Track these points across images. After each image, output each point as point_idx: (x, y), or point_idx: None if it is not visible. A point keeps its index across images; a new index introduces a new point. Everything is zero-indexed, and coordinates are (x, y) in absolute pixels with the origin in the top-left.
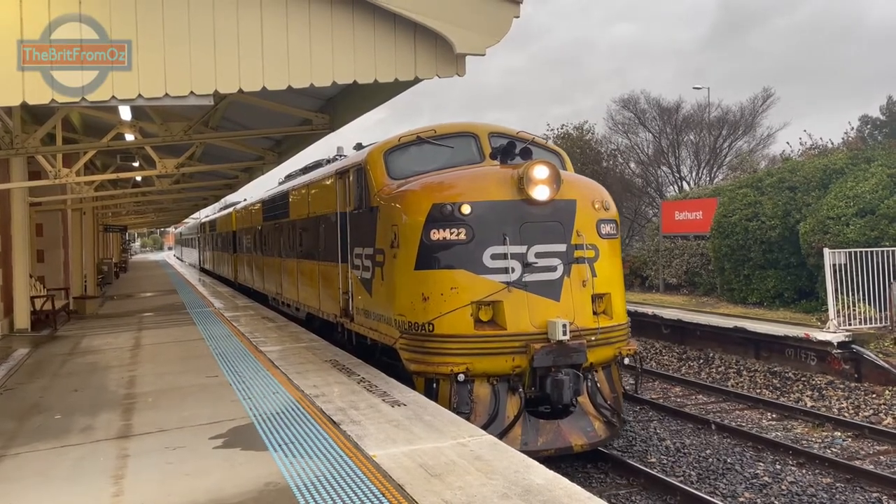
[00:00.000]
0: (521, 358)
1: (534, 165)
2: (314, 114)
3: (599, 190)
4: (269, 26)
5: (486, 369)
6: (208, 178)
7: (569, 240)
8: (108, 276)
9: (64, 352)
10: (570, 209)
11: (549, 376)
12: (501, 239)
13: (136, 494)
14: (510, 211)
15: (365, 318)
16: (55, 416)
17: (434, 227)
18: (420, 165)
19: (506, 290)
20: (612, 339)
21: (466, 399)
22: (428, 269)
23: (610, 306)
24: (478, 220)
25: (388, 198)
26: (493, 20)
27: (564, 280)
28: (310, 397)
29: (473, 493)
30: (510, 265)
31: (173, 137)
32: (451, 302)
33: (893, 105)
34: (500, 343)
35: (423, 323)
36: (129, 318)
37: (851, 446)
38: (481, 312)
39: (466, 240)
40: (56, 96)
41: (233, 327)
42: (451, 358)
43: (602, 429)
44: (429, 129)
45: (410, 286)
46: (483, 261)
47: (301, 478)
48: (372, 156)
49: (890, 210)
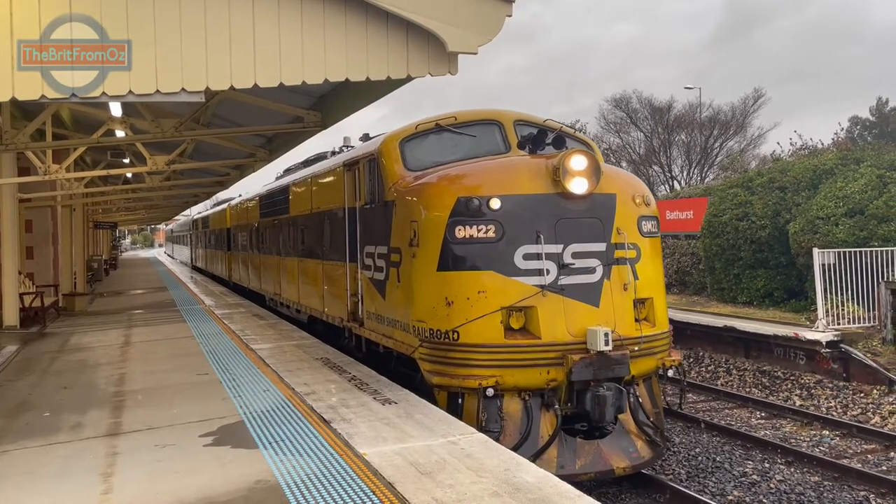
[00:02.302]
0: (556, 370)
1: (571, 155)
2: (306, 111)
3: (640, 183)
4: (261, 23)
5: (518, 383)
6: (199, 176)
7: (608, 238)
8: (98, 273)
9: (53, 349)
10: (610, 204)
11: (588, 391)
12: (534, 237)
13: (125, 492)
14: (544, 206)
15: (377, 324)
16: (44, 413)
17: (459, 223)
18: (439, 156)
19: (540, 295)
20: (655, 349)
21: (496, 416)
22: (452, 270)
23: (652, 312)
24: (508, 216)
25: (406, 191)
26: (485, 19)
27: (604, 283)
28: (301, 395)
29: (464, 491)
30: (544, 266)
31: (164, 134)
32: (478, 307)
33: (883, 106)
34: (533, 354)
35: (446, 330)
36: (119, 316)
37: (839, 445)
38: (512, 319)
39: (496, 238)
40: (56, 97)
41: (224, 325)
42: (479, 370)
43: (645, 449)
44: (448, 116)
45: (432, 289)
46: (514, 261)
47: (291, 476)
48: (386, 145)
49: (879, 210)
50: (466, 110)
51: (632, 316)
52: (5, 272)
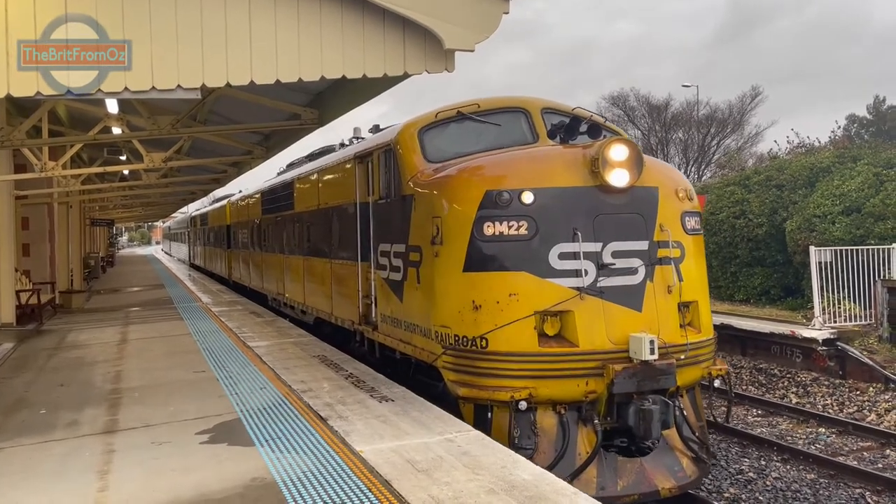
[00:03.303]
0: (596, 381)
1: (611, 144)
2: (303, 108)
3: (681, 176)
4: (258, 20)
5: (553, 395)
6: (196, 173)
7: (651, 236)
8: (95, 271)
9: (50, 346)
10: (652, 198)
11: (631, 404)
12: (571, 234)
13: (121, 490)
14: (581, 200)
15: (393, 328)
16: (40, 410)
17: (488, 219)
18: (461, 146)
19: (577, 298)
20: (701, 358)
21: (529, 432)
22: (480, 270)
23: (697, 317)
24: (542, 211)
25: (427, 184)
26: (482, 16)
27: (647, 285)
28: (297, 392)
29: (460, 488)
30: (582, 267)
31: (161, 131)
32: (509, 312)
33: (880, 104)
34: (570, 363)
35: (473, 337)
36: (116, 313)
37: (835, 442)
38: (546, 325)
39: (528, 235)
40: (52, 93)
41: (220, 322)
42: (510, 381)
43: (691, 467)
44: (470, 104)
45: (457, 292)
46: (549, 261)
47: (287, 473)
48: (404, 134)
49: (875, 208)
50: (490, 97)
51: (676, 321)
52: (2, 269)
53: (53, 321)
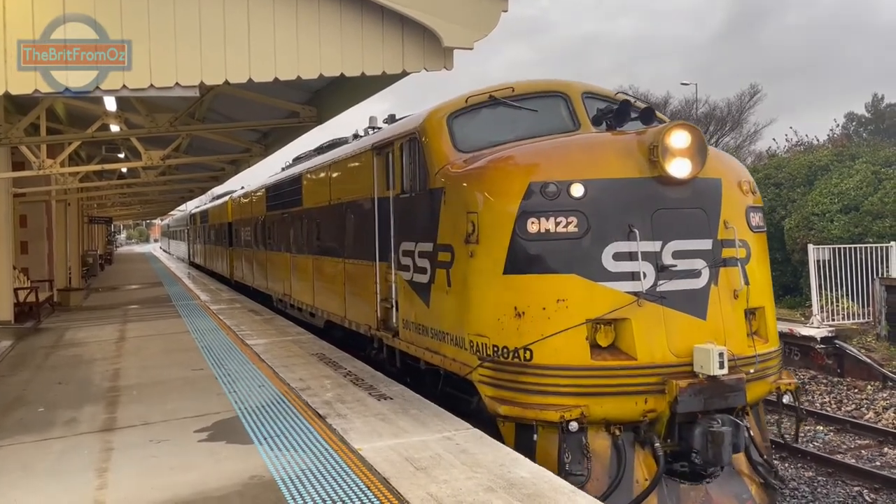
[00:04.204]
0: (656, 399)
1: (673, 129)
2: (301, 106)
3: (742, 167)
4: (256, 17)
5: (608, 415)
6: (194, 171)
7: (715, 233)
8: (93, 268)
9: (48, 344)
10: (715, 191)
11: (697, 425)
12: (626, 232)
13: (119, 488)
14: (638, 193)
15: (417, 335)
16: (38, 408)
17: (532, 214)
18: (495, 134)
19: (634, 304)
20: (769, 371)
21: (580, 456)
22: (523, 273)
23: (764, 324)
24: (594, 206)
25: (460, 176)
26: (480, 14)
27: (711, 289)
28: (296, 391)
29: (459, 486)
30: (640, 268)
31: (159, 129)
32: (557, 319)
33: (879, 102)
34: (627, 378)
35: (515, 348)
36: (114, 311)
37: (833, 440)
38: (599, 335)
39: (579, 233)
40: (50, 91)
41: (219, 320)
42: (559, 398)
43: (761, 494)
44: (504, 87)
45: (496, 297)
46: (602, 262)
47: (286, 471)
48: (431, 121)
49: (874, 207)
50: (525, 81)
51: (744, 330)
52: (0, 267)
53: (51, 319)
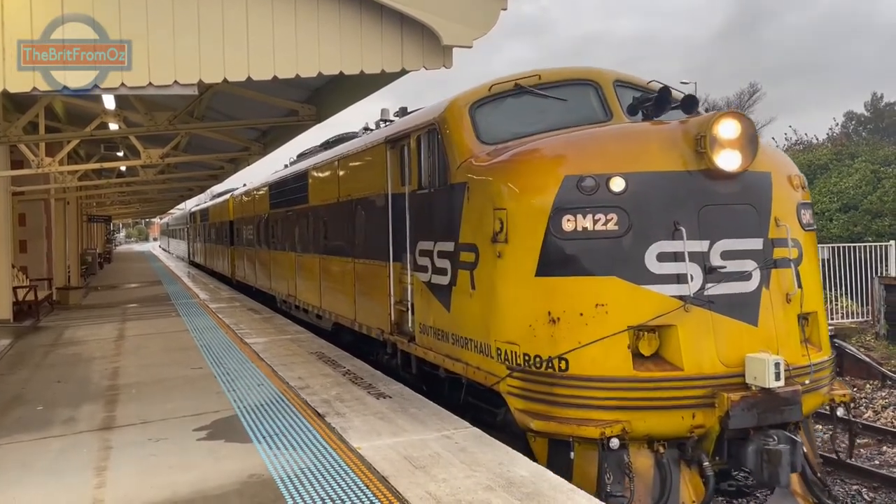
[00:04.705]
0: (704, 414)
1: (722, 118)
2: (300, 105)
3: (791, 161)
4: (255, 15)
5: (651, 430)
6: (193, 169)
7: (766, 232)
8: (92, 267)
9: (46, 343)
10: (765, 186)
11: (749, 442)
12: (671, 230)
13: (118, 486)
14: (683, 188)
15: (436, 341)
16: (37, 407)
17: (568, 211)
18: (520, 125)
19: (681, 309)
20: (823, 382)
21: (621, 475)
22: (558, 275)
23: (816, 331)
24: (636, 201)
25: (486, 170)
26: (479, 12)
27: (763, 293)
28: (295, 389)
29: (458, 485)
30: (687, 270)
31: (158, 127)
32: (595, 326)
33: (878, 101)
34: (673, 391)
35: (549, 357)
36: (113, 310)
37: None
38: (642, 343)
39: (619, 231)
40: (48, 89)
41: (218, 319)
42: (598, 412)
43: None
44: (530, 75)
45: (528, 301)
46: (645, 263)
47: (285, 470)
48: (452, 112)
49: (873, 206)
50: (552, 68)
51: (797, 337)
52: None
53: (50, 318)
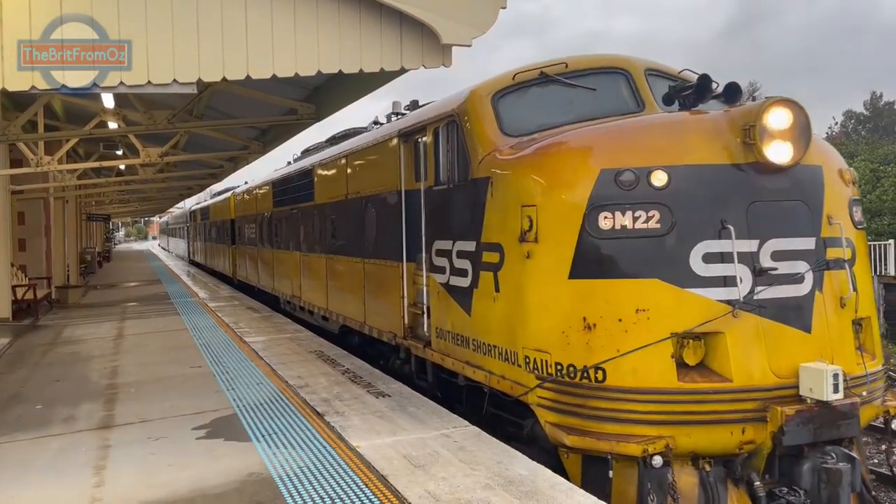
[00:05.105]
0: (755, 428)
1: (772, 107)
2: (300, 103)
3: (839, 153)
4: (254, 14)
5: (697, 447)
6: (193, 168)
7: (818, 231)
8: (91, 266)
9: (46, 341)
10: (817, 181)
11: (805, 460)
12: (718, 229)
13: (117, 485)
14: (730, 182)
15: (455, 347)
16: (36, 406)
17: (606, 207)
18: (547, 116)
19: (729, 315)
20: (877, 393)
21: (664, 496)
22: (594, 277)
23: (870, 338)
24: (680, 197)
25: (512, 163)
26: (479, 11)
27: (816, 296)
28: (294, 388)
29: (457, 483)
30: (736, 272)
31: (157, 126)
32: (636, 333)
33: (877, 100)
34: (721, 403)
35: (585, 367)
36: (113, 308)
37: None
38: (687, 351)
39: (662, 230)
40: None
41: (217, 318)
42: (640, 427)
43: None
44: (556, 63)
45: (561, 305)
46: (690, 264)
47: (284, 468)
48: (474, 102)
49: (872, 205)
50: (580, 56)
51: (852, 344)
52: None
53: (49, 316)
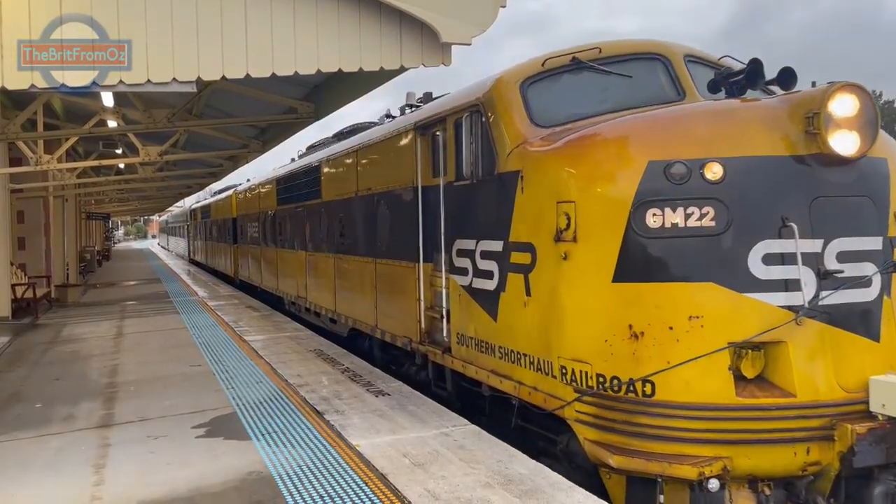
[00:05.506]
0: (821, 448)
1: (837, 93)
2: (299, 102)
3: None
4: (253, 13)
5: (756, 468)
6: (192, 167)
7: (885, 229)
8: (91, 265)
9: (45, 340)
10: (883, 175)
11: (876, 484)
12: (778, 227)
13: (117, 484)
14: (790, 176)
15: (478, 354)
16: (36, 404)
17: (654, 203)
18: (580, 105)
19: (793, 322)
20: None
21: None
22: (642, 280)
23: None
24: (737, 192)
25: (546, 155)
26: (478, 9)
27: (884, 302)
28: (294, 387)
29: (456, 482)
30: (800, 275)
31: (156, 125)
32: (689, 342)
33: (877, 99)
34: (783, 421)
35: (631, 379)
36: (112, 307)
37: None
38: (745, 363)
39: (717, 228)
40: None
41: (217, 316)
42: (694, 447)
43: None
44: (589, 48)
45: (603, 311)
46: (749, 266)
47: (284, 467)
48: (501, 90)
49: None
50: (614, 41)
51: None
52: None
53: (49, 315)
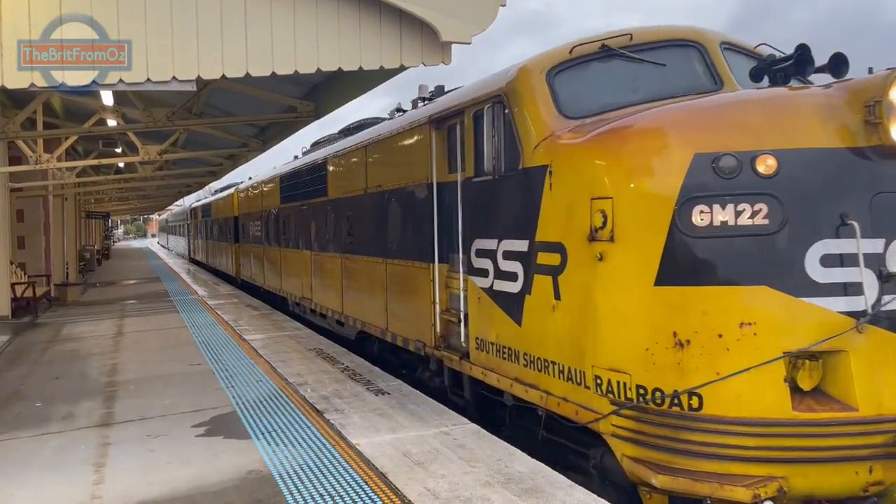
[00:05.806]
0: (884, 467)
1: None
2: (299, 101)
3: None
4: (253, 12)
5: (814, 489)
6: (192, 165)
7: None
8: (90, 264)
9: (45, 339)
10: None
11: None
12: (836, 225)
13: (116, 483)
14: (849, 169)
15: (499, 360)
16: (36, 403)
17: (702, 200)
18: (610, 94)
19: (854, 330)
20: None
21: None
22: (688, 284)
23: None
24: (793, 188)
25: (577, 148)
26: (478, 8)
27: None
28: (294, 386)
29: (456, 480)
30: (863, 278)
31: (156, 123)
32: (740, 352)
33: None
34: (844, 438)
35: (676, 391)
36: (112, 306)
37: None
38: (801, 374)
39: (771, 226)
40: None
41: (217, 315)
42: (746, 466)
43: None
44: (620, 34)
45: (644, 317)
46: (806, 269)
47: (284, 466)
48: (525, 79)
49: None
50: (646, 27)
51: None
52: None
53: (49, 314)
